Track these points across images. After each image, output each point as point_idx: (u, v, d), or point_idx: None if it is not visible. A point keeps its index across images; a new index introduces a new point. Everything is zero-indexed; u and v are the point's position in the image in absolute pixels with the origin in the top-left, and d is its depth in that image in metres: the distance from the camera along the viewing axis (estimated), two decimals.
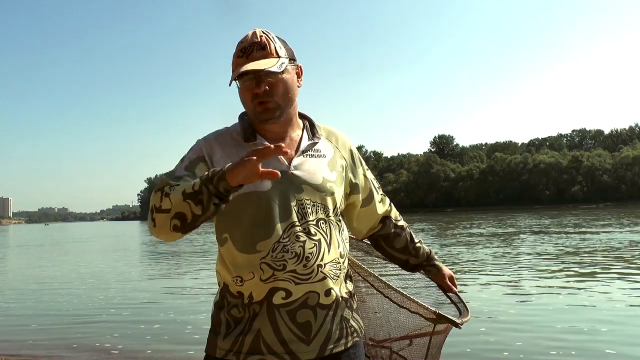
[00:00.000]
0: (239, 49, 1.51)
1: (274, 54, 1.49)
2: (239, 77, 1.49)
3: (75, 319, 7.91)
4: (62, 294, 10.75)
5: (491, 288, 9.16)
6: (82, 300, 9.75)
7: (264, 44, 1.49)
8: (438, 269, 1.84)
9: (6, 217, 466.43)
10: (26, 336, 6.90)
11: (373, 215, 1.76)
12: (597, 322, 6.37)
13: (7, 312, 8.91)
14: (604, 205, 77.35)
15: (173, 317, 7.78)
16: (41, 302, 9.88)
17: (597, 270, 10.83)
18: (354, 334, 1.55)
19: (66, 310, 8.74)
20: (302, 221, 1.48)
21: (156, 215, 1.40)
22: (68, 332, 7.03)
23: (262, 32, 1.52)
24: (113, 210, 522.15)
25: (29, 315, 8.41)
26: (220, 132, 1.60)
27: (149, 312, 8.29)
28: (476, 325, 6.11)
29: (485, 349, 5.36)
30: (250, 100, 1.50)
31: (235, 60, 1.51)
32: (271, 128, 1.55)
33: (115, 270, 15.29)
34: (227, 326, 1.49)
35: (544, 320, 6.50)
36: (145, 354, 5.83)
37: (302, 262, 1.44)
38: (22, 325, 7.62)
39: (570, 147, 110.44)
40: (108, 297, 10.01)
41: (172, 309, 8.44)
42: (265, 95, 1.48)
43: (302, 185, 1.50)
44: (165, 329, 6.95)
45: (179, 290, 10.50)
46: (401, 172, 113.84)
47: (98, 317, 7.99)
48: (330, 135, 1.66)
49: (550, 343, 5.46)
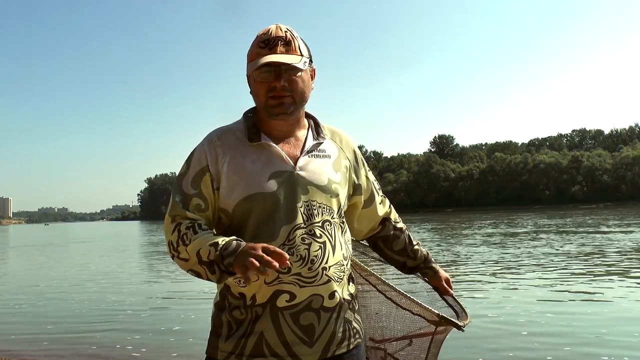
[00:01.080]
0: (261, 40, 1.49)
1: (297, 51, 1.49)
2: (257, 69, 1.48)
3: (74, 321, 7.91)
4: (62, 297, 10.75)
5: (494, 289, 9.16)
6: (80, 302, 9.75)
7: (288, 39, 1.49)
8: (435, 271, 1.83)
9: (6, 217, 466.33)
10: (28, 337, 6.90)
11: (374, 217, 1.75)
12: (599, 322, 6.36)
13: (8, 313, 8.91)
14: (604, 205, 77.31)
15: (168, 318, 7.78)
16: (43, 303, 9.87)
17: (607, 270, 10.84)
18: (356, 336, 1.55)
19: (68, 312, 8.74)
20: (307, 223, 1.46)
21: (175, 257, 1.46)
22: (72, 335, 7.03)
23: (286, 28, 1.51)
24: (113, 210, 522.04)
25: (33, 315, 8.42)
26: (223, 130, 1.57)
27: (145, 313, 8.29)
28: (483, 326, 6.11)
29: (486, 350, 5.36)
30: (264, 93, 1.48)
31: (257, 50, 1.49)
32: (278, 126, 1.54)
33: (127, 271, 15.30)
34: (229, 328, 1.48)
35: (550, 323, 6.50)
36: (146, 354, 5.84)
37: (307, 265, 1.44)
38: (23, 326, 7.62)
39: (570, 147, 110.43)
40: (108, 301, 10.00)
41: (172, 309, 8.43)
42: (283, 90, 1.47)
43: (308, 186, 1.49)
44: (158, 331, 6.95)
45: (179, 294, 10.49)
46: (401, 172, 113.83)
47: (101, 320, 8.00)
48: (334, 136, 1.65)
49: (551, 342, 5.47)
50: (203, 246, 1.38)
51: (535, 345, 5.45)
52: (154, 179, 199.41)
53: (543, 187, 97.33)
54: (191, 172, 1.52)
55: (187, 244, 1.41)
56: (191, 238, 1.41)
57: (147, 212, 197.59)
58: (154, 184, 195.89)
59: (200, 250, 1.38)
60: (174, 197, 1.51)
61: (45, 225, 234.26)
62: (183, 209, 1.47)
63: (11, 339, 6.79)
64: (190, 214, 1.46)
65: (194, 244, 1.39)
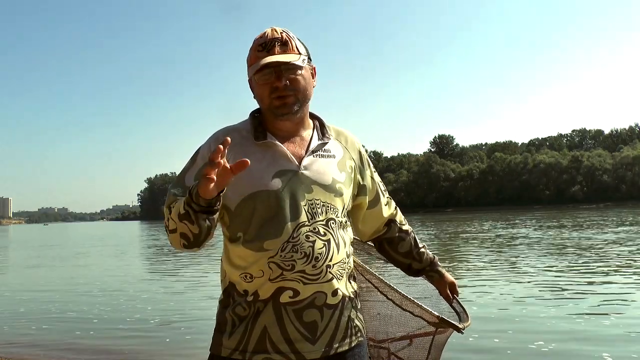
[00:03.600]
0: (258, 44, 1.52)
1: (295, 50, 1.52)
2: (257, 72, 1.50)
3: (74, 321, 7.90)
4: (62, 297, 10.74)
5: (493, 289, 9.15)
6: (80, 302, 9.74)
7: (285, 40, 1.51)
8: (440, 274, 1.84)
9: (6, 217, 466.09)
10: (28, 337, 6.90)
11: (378, 218, 1.75)
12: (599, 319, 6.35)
13: (9, 313, 8.90)
14: (604, 205, 77.29)
15: (172, 316, 7.77)
16: (43, 303, 9.87)
17: (607, 270, 10.83)
18: (358, 334, 1.56)
19: (68, 312, 8.73)
20: (311, 221, 1.48)
21: (168, 234, 1.49)
22: (68, 334, 7.02)
23: (282, 30, 1.53)
24: (113, 210, 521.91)
25: (34, 314, 8.41)
26: (229, 129, 1.59)
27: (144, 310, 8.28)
28: (484, 327, 6.10)
29: (487, 350, 5.36)
30: (268, 95, 1.51)
31: (255, 54, 1.52)
32: (284, 126, 1.55)
33: (127, 271, 15.25)
34: (233, 324, 1.49)
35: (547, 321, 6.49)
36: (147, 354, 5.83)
37: (311, 262, 1.45)
38: (23, 326, 7.62)
39: (570, 147, 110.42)
40: (109, 301, 9.99)
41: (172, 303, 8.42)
42: (285, 90, 1.49)
43: (312, 185, 1.51)
44: (168, 329, 6.94)
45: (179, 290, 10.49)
46: (401, 172, 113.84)
47: (94, 316, 7.99)
48: (339, 136, 1.66)
49: (548, 341, 5.47)
50: (180, 204, 1.41)
51: (535, 345, 5.44)
52: (154, 179, 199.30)
53: (543, 187, 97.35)
54: (195, 167, 1.55)
55: (172, 211, 1.45)
56: (174, 206, 1.45)
57: (147, 212, 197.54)
58: (154, 184, 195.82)
59: (179, 209, 1.40)
60: (172, 189, 1.53)
61: (44, 225, 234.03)
62: (181, 191, 1.51)
63: (11, 340, 6.77)
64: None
65: (174, 208, 1.44)
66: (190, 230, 1.40)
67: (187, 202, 1.37)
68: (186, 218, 1.38)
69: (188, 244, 1.44)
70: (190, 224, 1.38)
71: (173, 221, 1.43)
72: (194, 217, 1.37)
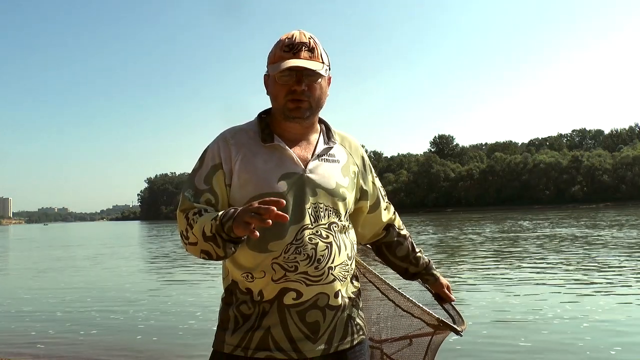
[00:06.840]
0: (285, 44, 1.53)
1: (320, 58, 1.54)
2: (281, 71, 1.52)
3: (74, 321, 7.91)
4: (62, 298, 10.75)
5: (492, 289, 9.15)
6: (80, 302, 9.75)
7: (312, 46, 1.54)
8: (436, 278, 1.88)
9: (6, 217, 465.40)
10: (28, 338, 6.90)
11: (378, 222, 1.79)
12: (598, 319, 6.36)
13: (9, 314, 8.90)
14: (604, 205, 77.30)
15: (173, 313, 7.77)
16: (43, 303, 9.87)
17: (607, 269, 10.83)
18: (360, 332, 1.59)
19: (68, 312, 8.74)
20: (314, 224, 1.50)
21: (186, 244, 1.51)
22: (67, 333, 7.03)
23: (310, 35, 1.56)
24: (113, 210, 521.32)
25: (35, 314, 8.42)
26: (236, 129, 1.61)
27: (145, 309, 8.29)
28: (482, 327, 6.11)
29: (488, 350, 5.36)
30: (284, 96, 1.53)
31: (280, 54, 1.53)
32: (292, 128, 1.58)
33: (127, 272, 15.25)
34: (236, 322, 1.52)
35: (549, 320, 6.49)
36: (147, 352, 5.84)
37: (313, 264, 1.47)
38: (24, 326, 7.62)
39: (570, 147, 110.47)
40: (109, 301, 10.00)
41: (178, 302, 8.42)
42: (302, 94, 1.51)
43: (316, 188, 1.53)
44: (165, 325, 6.95)
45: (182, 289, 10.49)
46: (401, 172, 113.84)
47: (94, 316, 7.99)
48: (344, 141, 1.69)
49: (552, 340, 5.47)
50: (206, 223, 1.43)
51: (534, 345, 5.45)
52: (154, 179, 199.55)
53: (543, 187, 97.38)
54: (204, 168, 1.57)
55: (194, 226, 1.46)
56: (197, 220, 1.46)
57: (147, 212, 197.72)
58: (154, 184, 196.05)
59: (204, 227, 1.42)
60: (185, 192, 1.56)
61: (44, 225, 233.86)
62: (193, 202, 1.52)
63: (11, 340, 6.77)
64: (199, 205, 1.51)
65: (199, 224, 1.44)
66: (216, 252, 1.43)
67: (217, 230, 1.39)
68: (212, 241, 1.41)
69: (209, 258, 1.47)
70: (217, 247, 1.42)
71: (195, 236, 1.45)
72: (222, 244, 1.40)
